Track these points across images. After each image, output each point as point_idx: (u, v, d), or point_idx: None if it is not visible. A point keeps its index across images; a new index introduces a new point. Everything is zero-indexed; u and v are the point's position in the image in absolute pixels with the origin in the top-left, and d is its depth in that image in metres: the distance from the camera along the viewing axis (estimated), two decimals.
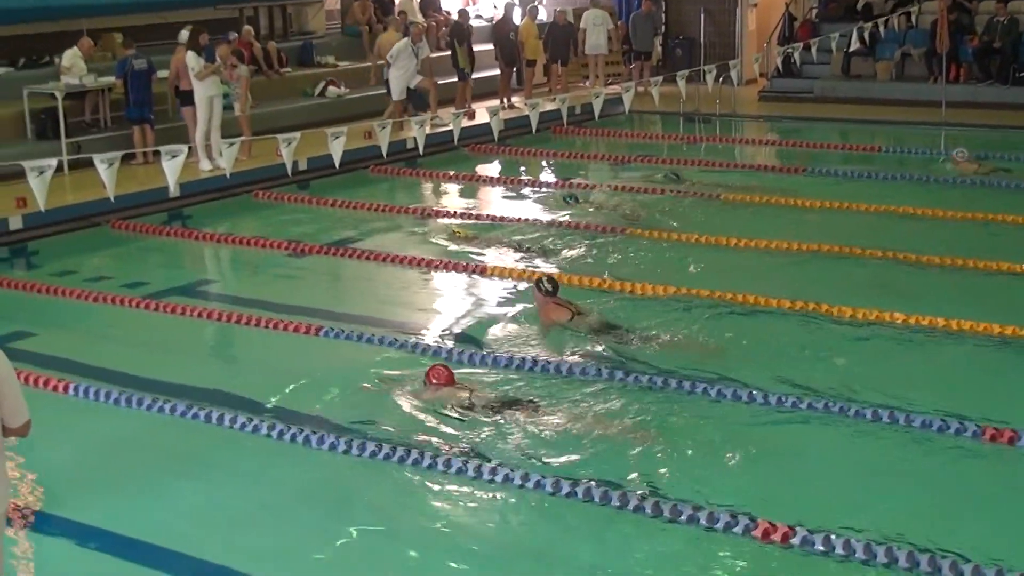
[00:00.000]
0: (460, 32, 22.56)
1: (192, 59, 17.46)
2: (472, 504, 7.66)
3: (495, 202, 16.57)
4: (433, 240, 14.43)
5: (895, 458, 8.14)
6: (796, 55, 23.38)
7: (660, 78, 19.98)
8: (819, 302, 11.07)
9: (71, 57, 18.27)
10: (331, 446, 8.36)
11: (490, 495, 7.69)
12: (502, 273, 12.69)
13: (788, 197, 15.79)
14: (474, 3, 29.50)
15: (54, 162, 12.80)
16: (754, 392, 9.02)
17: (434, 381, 8.99)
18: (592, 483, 7.56)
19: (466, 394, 8.83)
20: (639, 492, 7.49)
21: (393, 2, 25.83)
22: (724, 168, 18.35)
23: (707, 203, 15.94)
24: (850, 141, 20.49)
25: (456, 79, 22.26)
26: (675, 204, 15.94)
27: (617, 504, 7.39)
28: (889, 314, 10.72)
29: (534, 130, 17.88)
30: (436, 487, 7.81)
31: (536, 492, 7.58)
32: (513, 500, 7.61)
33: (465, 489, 7.76)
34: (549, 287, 10.65)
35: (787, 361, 9.93)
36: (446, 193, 17.42)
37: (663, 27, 27.03)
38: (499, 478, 7.74)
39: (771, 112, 23.64)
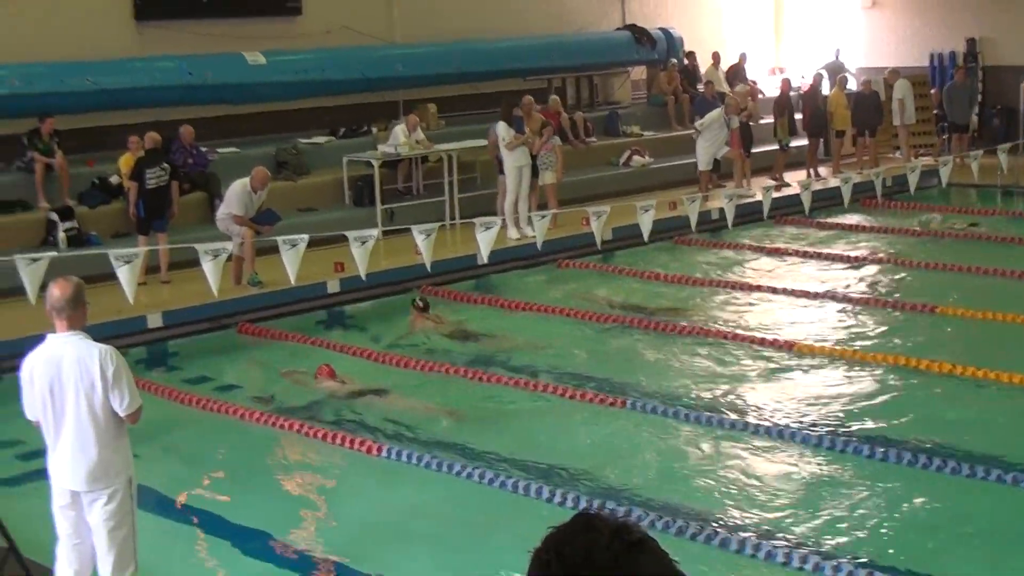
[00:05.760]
0: (783, 103, 22.48)
1: (503, 129, 17.83)
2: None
3: (802, 275, 16.17)
4: (731, 312, 14.27)
5: None
6: None
7: (980, 152, 19.11)
8: None
9: (400, 132, 18.97)
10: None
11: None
12: (809, 350, 12.44)
13: None
14: (782, 72, 29.16)
15: (375, 232, 13.20)
16: None
17: (319, 375, 11.93)
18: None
19: (339, 385, 11.77)
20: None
21: (699, 72, 25.80)
22: None
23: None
24: None
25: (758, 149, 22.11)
26: (991, 282, 15.27)
27: None
28: None
29: (846, 203, 17.34)
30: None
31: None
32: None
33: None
34: (421, 305, 14.07)
35: None
36: (749, 265, 17.09)
37: (979, 96, 26.01)
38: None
39: None
